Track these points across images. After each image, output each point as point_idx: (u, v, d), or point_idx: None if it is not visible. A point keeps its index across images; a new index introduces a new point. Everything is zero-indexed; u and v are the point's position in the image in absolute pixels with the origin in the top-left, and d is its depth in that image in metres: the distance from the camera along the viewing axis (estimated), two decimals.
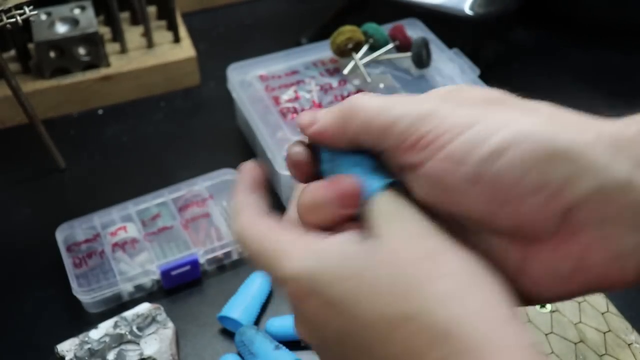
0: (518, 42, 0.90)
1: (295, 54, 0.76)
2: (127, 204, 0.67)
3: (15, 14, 0.73)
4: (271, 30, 0.95)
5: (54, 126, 0.79)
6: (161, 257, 0.64)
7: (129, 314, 0.58)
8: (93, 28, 0.79)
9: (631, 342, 0.56)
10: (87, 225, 0.66)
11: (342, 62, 0.75)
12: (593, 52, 0.88)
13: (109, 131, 0.81)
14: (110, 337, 0.57)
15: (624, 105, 0.84)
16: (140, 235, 0.65)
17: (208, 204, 0.68)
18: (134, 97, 0.84)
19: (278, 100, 0.71)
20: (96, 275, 0.63)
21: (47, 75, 0.80)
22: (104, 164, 0.77)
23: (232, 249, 0.65)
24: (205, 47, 0.92)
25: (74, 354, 0.56)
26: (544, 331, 0.56)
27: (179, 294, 0.63)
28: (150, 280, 0.63)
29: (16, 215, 0.71)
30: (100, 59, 0.82)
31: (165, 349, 0.56)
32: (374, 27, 0.74)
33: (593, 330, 0.56)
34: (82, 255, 0.64)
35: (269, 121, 0.69)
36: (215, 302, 0.62)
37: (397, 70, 0.74)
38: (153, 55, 0.84)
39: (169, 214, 0.67)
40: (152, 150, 0.78)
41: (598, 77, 0.85)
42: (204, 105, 0.84)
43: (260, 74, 0.74)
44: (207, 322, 0.61)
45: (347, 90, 0.71)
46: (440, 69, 0.73)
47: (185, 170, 0.74)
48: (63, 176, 0.76)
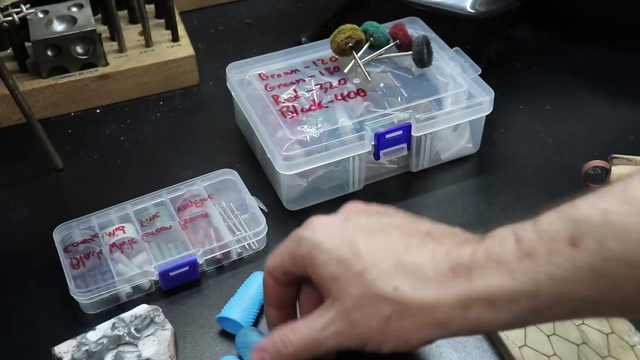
0: (520, 40, 0.89)
1: (295, 53, 0.76)
2: (125, 204, 0.67)
3: (12, 12, 0.72)
4: (271, 29, 0.94)
5: (51, 126, 0.79)
6: (159, 257, 0.63)
7: (127, 316, 0.58)
8: (91, 26, 0.79)
9: (634, 343, 0.55)
10: (84, 225, 0.66)
11: (342, 60, 0.74)
12: (596, 51, 0.87)
13: (107, 131, 0.80)
14: (108, 339, 0.56)
15: (627, 104, 0.85)
16: (138, 236, 0.64)
17: (207, 204, 0.67)
18: (132, 96, 0.84)
19: (277, 99, 0.70)
20: (94, 276, 0.62)
21: (45, 74, 0.80)
22: (102, 163, 0.76)
23: (231, 250, 0.64)
24: (204, 45, 0.91)
25: (71, 355, 0.55)
26: (546, 333, 0.56)
27: (178, 295, 0.63)
28: (149, 281, 0.62)
29: (13, 215, 0.71)
30: (98, 57, 0.81)
31: (164, 351, 0.56)
32: (374, 26, 0.73)
33: (596, 331, 0.56)
34: (79, 256, 0.63)
35: (268, 120, 0.68)
36: (214, 304, 0.61)
37: (398, 69, 0.73)
38: (151, 54, 0.84)
39: (167, 214, 0.67)
40: (150, 150, 0.78)
41: (601, 76, 0.84)
42: (203, 104, 0.84)
43: (260, 73, 0.74)
44: (206, 324, 0.60)
45: (347, 89, 0.71)
46: (441, 68, 0.73)
47: (183, 170, 0.73)
48: (60, 176, 0.75)
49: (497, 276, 0.40)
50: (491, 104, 0.70)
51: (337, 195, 0.70)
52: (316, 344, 0.46)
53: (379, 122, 0.67)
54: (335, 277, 0.44)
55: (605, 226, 0.37)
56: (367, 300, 0.43)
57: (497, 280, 0.40)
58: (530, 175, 0.72)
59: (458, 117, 0.70)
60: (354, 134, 0.67)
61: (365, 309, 0.43)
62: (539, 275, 0.38)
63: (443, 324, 0.42)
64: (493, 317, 0.40)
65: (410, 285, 0.42)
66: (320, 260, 0.45)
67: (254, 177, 0.72)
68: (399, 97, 0.70)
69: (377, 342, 0.44)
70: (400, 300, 0.42)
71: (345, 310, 0.44)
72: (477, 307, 0.40)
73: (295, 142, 0.66)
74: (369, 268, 0.43)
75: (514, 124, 0.78)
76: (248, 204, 0.67)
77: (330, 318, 0.45)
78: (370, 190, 0.71)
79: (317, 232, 0.46)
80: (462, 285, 0.41)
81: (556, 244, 0.38)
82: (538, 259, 0.39)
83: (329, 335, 0.45)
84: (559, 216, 0.39)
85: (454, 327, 0.42)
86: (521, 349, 0.55)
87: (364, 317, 0.43)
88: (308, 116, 0.68)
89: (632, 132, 0.76)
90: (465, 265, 0.41)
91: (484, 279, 0.40)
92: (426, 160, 0.72)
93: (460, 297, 0.41)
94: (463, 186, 0.73)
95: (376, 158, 0.68)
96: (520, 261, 0.39)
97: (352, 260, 0.44)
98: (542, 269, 0.38)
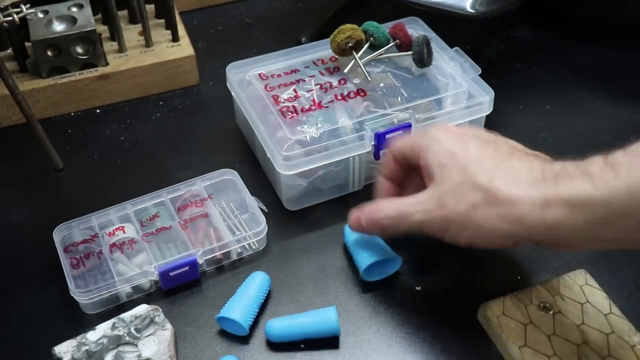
0: (520, 40, 0.89)
1: (295, 53, 0.76)
2: (125, 204, 0.67)
3: (12, 12, 0.72)
4: (271, 29, 0.94)
5: (51, 126, 0.79)
6: (159, 257, 0.63)
7: (127, 316, 0.58)
8: (91, 26, 0.79)
9: (634, 343, 0.55)
10: (84, 225, 0.66)
11: (342, 60, 0.74)
12: (596, 50, 0.87)
13: (107, 131, 0.80)
14: (108, 339, 0.56)
15: (628, 104, 0.85)
16: (138, 236, 0.64)
17: (207, 204, 0.67)
18: (132, 96, 0.84)
19: (277, 99, 0.70)
20: (94, 276, 0.62)
21: (45, 74, 0.80)
22: (102, 163, 0.76)
23: (231, 250, 0.64)
24: (204, 45, 0.91)
25: (71, 355, 0.55)
26: (547, 333, 0.56)
27: (178, 295, 0.63)
28: (149, 281, 0.62)
29: (13, 215, 0.71)
30: (98, 57, 0.81)
31: (164, 351, 0.56)
32: (374, 26, 0.73)
33: (596, 331, 0.56)
34: (79, 256, 0.63)
35: (268, 120, 0.68)
36: (214, 304, 0.61)
37: (398, 69, 0.73)
38: (151, 54, 0.84)
39: (167, 214, 0.67)
40: (150, 150, 0.78)
41: (601, 75, 0.84)
42: (203, 104, 0.84)
43: (260, 73, 0.74)
44: (206, 324, 0.60)
45: (347, 89, 0.71)
46: (441, 68, 0.73)
47: (183, 170, 0.73)
48: (60, 176, 0.75)
49: (580, 182, 0.45)
50: (491, 104, 0.70)
51: (337, 195, 0.70)
52: (404, 215, 0.53)
53: (379, 122, 0.67)
54: (442, 164, 0.52)
55: None
56: (464, 187, 0.50)
57: (579, 186, 0.45)
58: None
59: (458, 117, 0.70)
60: (354, 134, 0.67)
61: (458, 194, 0.50)
62: (617, 184, 0.43)
63: (522, 219, 0.47)
64: (567, 218, 0.45)
65: (504, 181, 0.48)
66: (434, 148, 0.53)
67: (254, 177, 0.72)
68: (399, 97, 0.70)
69: (459, 226, 0.50)
70: (491, 190, 0.48)
71: (440, 193, 0.51)
72: (555, 207, 0.45)
73: (295, 142, 0.66)
74: (474, 163, 0.50)
75: (514, 124, 0.78)
76: (248, 204, 0.67)
77: (425, 197, 0.52)
78: (370, 190, 0.71)
79: (439, 130, 0.55)
80: (548, 188, 0.46)
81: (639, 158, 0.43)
82: (619, 170, 0.43)
83: (418, 209, 0.52)
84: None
85: (531, 223, 0.47)
86: (521, 349, 0.55)
87: (455, 200, 0.50)
88: (308, 116, 0.68)
89: (632, 132, 0.75)
90: (555, 173, 0.47)
91: (568, 185, 0.45)
92: None
93: (543, 196, 0.46)
94: None
95: (376, 158, 0.68)
96: (603, 171, 0.44)
97: (461, 155, 0.51)
98: (622, 178, 0.43)
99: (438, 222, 0.51)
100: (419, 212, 0.52)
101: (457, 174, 0.51)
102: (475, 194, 0.49)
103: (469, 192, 0.49)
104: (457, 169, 0.51)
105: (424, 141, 0.55)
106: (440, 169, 0.52)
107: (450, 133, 0.55)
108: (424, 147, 0.54)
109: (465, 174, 0.50)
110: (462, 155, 0.51)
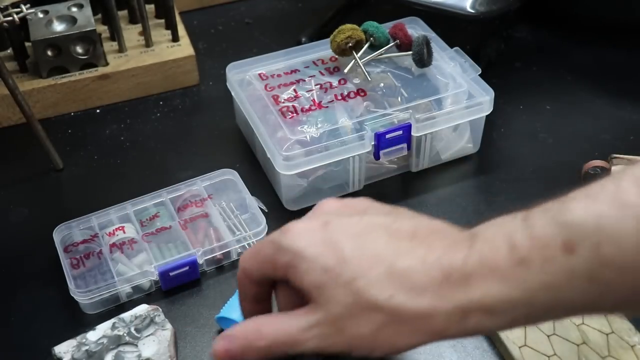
0: (520, 40, 0.89)
1: (295, 53, 0.76)
2: (125, 204, 0.67)
3: (12, 12, 0.72)
4: (271, 29, 0.94)
5: (51, 126, 0.79)
6: (159, 257, 0.63)
7: (127, 316, 0.58)
8: (91, 26, 0.79)
9: (634, 343, 0.55)
10: (84, 225, 0.65)
11: (342, 60, 0.74)
12: (596, 50, 0.87)
13: (107, 131, 0.80)
14: (108, 339, 0.56)
15: (628, 104, 0.85)
16: (138, 236, 0.64)
17: (207, 204, 0.67)
18: (132, 96, 0.84)
19: (277, 99, 0.70)
20: (94, 276, 0.62)
21: (44, 74, 0.80)
22: (102, 163, 0.76)
23: (231, 250, 0.64)
24: (204, 45, 0.91)
25: (71, 355, 0.55)
26: (546, 333, 0.56)
27: (178, 295, 0.62)
28: (149, 281, 0.62)
29: (13, 215, 0.71)
30: (98, 57, 0.81)
31: (164, 351, 0.56)
32: (374, 26, 0.73)
33: (596, 331, 0.56)
34: (79, 256, 0.63)
35: (268, 120, 0.68)
36: (214, 304, 0.61)
37: (398, 69, 0.73)
38: (151, 54, 0.84)
39: (167, 214, 0.67)
40: (150, 150, 0.77)
41: (601, 75, 0.84)
42: (203, 104, 0.84)
43: (260, 73, 0.74)
44: (206, 324, 0.60)
45: (347, 89, 0.71)
46: (441, 68, 0.73)
47: (183, 170, 0.73)
48: (60, 176, 0.75)
49: (493, 284, 0.39)
50: (491, 104, 0.70)
51: (337, 196, 0.70)
52: (294, 343, 0.44)
53: (379, 122, 0.67)
54: (319, 285, 0.42)
55: (599, 231, 0.36)
56: (359, 309, 0.41)
57: (494, 289, 0.39)
58: (530, 175, 0.72)
59: (458, 117, 0.70)
60: (354, 134, 0.67)
61: (356, 317, 0.42)
62: (533, 285, 0.38)
63: (440, 331, 0.41)
64: (491, 323, 0.40)
65: (405, 294, 0.41)
66: (303, 268, 0.43)
67: (254, 177, 0.72)
68: (399, 97, 0.70)
69: (367, 348, 0.43)
70: (395, 308, 0.41)
71: (332, 317, 0.42)
72: (474, 315, 0.40)
73: (295, 142, 0.66)
74: (359, 276, 0.41)
75: (514, 124, 0.78)
76: (248, 204, 0.67)
77: (315, 320, 0.43)
78: (370, 190, 0.71)
79: (296, 239, 0.44)
80: (458, 294, 0.40)
81: (550, 250, 0.38)
82: (532, 267, 0.38)
83: (311, 337, 0.43)
84: (552, 220, 0.38)
85: (451, 333, 0.41)
86: (521, 349, 0.55)
87: (354, 324, 0.42)
88: (308, 116, 0.68)
89: (632, 132, 0.76)
90: (459, 272, 0.40)
91: (480, 288, 0.39)
92: (426, 160, 0.72)
93: (457, 306, 0.40)
94: (463, 186, 0.73)
95: (376, 158, 0.68)
96: (515, 269, 0.39)
97: (338, 268, 0.42)
98: (537, 277, 0.38)
99: (340, 346, 0.43)
100: (312, 340, 0.43)
101: (344, 294, 0.42)
102: (375, 315, 0.41)
103: (368, 314, 0.41)
104: (341, 288, 0.42)
105: (284, 258, 0.44)
106: (319, 291, 0.42)
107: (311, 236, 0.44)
108: (288, 266, 0.44)
109: (354, 293, 0.41)
110: (339, 268, 0.42)
